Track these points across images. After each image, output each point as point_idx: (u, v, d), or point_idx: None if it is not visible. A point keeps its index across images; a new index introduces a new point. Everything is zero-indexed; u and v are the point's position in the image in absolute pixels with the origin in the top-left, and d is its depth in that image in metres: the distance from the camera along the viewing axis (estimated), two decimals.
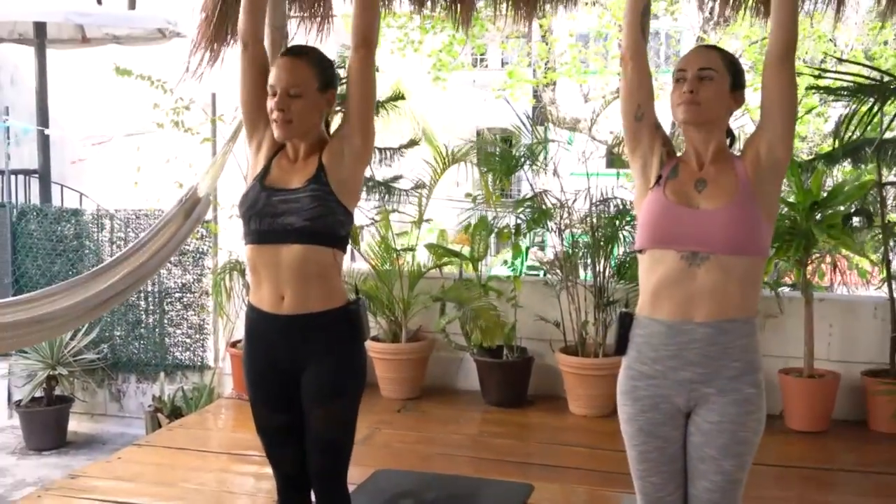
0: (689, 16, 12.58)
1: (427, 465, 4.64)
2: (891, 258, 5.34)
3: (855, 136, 4.40)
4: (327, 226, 2.67)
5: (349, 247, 3.09)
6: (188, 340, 7.18)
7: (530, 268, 6.34)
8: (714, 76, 2.45)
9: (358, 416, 2.87)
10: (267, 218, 2.70)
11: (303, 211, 2.65)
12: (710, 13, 11.27)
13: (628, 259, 5.49)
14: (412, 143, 6.19)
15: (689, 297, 2.42)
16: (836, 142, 4.72)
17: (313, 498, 2.90)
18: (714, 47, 2.58)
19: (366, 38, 2.70)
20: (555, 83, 12.34)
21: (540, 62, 12.40)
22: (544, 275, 6.03)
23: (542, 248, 9.65)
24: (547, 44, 11.99)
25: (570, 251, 5.57)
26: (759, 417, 2.45)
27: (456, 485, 4.31)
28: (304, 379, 2.76)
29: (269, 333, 2.78)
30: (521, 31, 12.78)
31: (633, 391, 2.56)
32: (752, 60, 11.09)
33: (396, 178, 5.99)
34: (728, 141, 2.58)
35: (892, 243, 5.36)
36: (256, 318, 2.81)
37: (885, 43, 11.57)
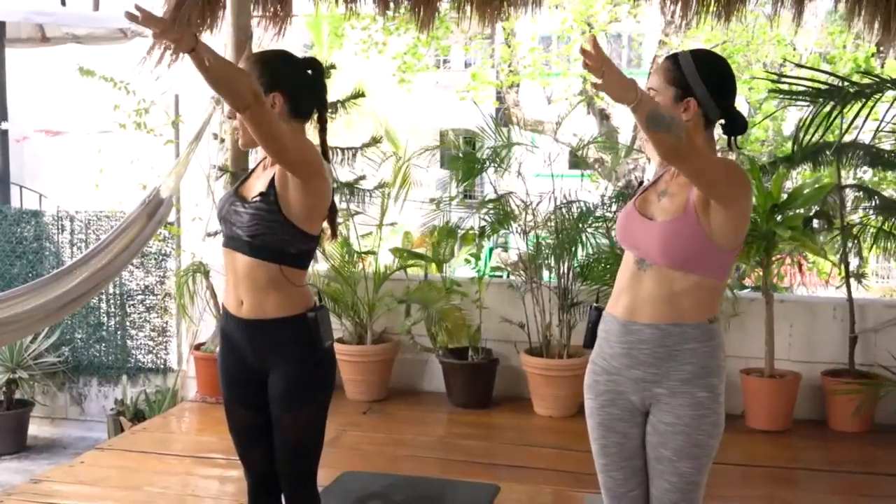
0: (651, 19, 12.70)
1: (394, 466, 4.65)
2: (849, 259, 5.42)
3: (814, 140, 4.46)
4: (267, 243, 2.68)
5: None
6: (151, 343, 7.11)
7: (494, 269, 6.35)
8: (655, 95, 2.47)
9: (326, 420, 2.88)
10: (227, 224, 2.77)
11: (244, 227, 2.69)
12: (672, 17, 11.43)
13: (591, 261, 5.52)
14: (374, 141, 6.17)
15: (637, 298, 2.49)
16: (794, 145, 4.79)
17: (283, 501, 2.91)
18: (670, 58, 2.54)
19: (238, 106, 2.42)
20: (518, 85, 12.38)
21: (503, 64, 12.44)
22: (507, 276, 6.05)
23: (506, 249, 9.67)
24: (510, 46, 12.03)
25: (535, 253, 5.59)
26: (713, 421, 2.48)
27: (423, 486, 4.32)
28: (270, 383, 2.79)
29: (235, 334, 2.84)
30: (485, 34, 12.85)
31: (595, 385, 2.62)
32: None
33: (359, 179, 5.96)
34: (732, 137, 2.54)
35: (850, 245, 5.45)
36: (225, 319, 2.89)
37: (844, 47, 11.73)
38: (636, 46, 15.94)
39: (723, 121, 2.51)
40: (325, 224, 2.87)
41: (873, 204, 5.38)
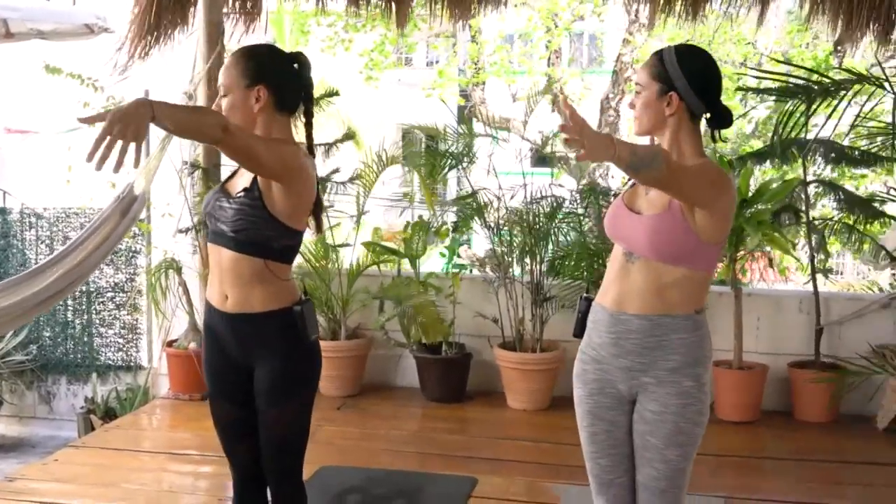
0: (615, 17, 12.80)
1: (370, 461, 4.67)
2: (815, 254, 5.53)
3: (785, 136, 4.55)
4: (251, 238, 2.69)
5: None
6: (121, 341, 7.07)
7: (457, 266, 6.40)
8: (641, 90, 2.56)
9: (311, 414, 2.91)
10: (212, 220, 2.78)
11: (229, 221, 2.70)
12: (636, 15, 11.54)
13: (562, 255, 5.58)
14: (347, 137, 6.18)
15: (626, 290, 2.54)
16: (773, 138, 4.89)
17: (269, 495, 2.93)
18: (656, 53, 2.60)
19: (209, 143, 2.56)
20: (484, 83, 12.43)
21: (469, 62, 12.48)
22: (470, 271, 6.10)
23: (469, 246, 9.70)
24: (477, 44, 12.08)
25: (508, 248, 5.63)
26: (699, 409, 2.54)
27: (402, 480, 4.35)
28: (256, 378, 2.80)
29: (220, 328, 2.84)
30: (450, 31, 12.86)
31: (583, 374, 2.68)
32: None
33: (333, 171, 5.96)
34: (717, 131, 2.62)
35: (815, 239, 5.55)
36: (209, 313, 2.88)
37: (802, 46, 11.92)
38: (599, 45, 16.05)
39: (708, 114, 2.57)
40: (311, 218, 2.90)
41: (839, 198, 5.47)
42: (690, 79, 2.50)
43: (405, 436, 5.20)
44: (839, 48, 10.89)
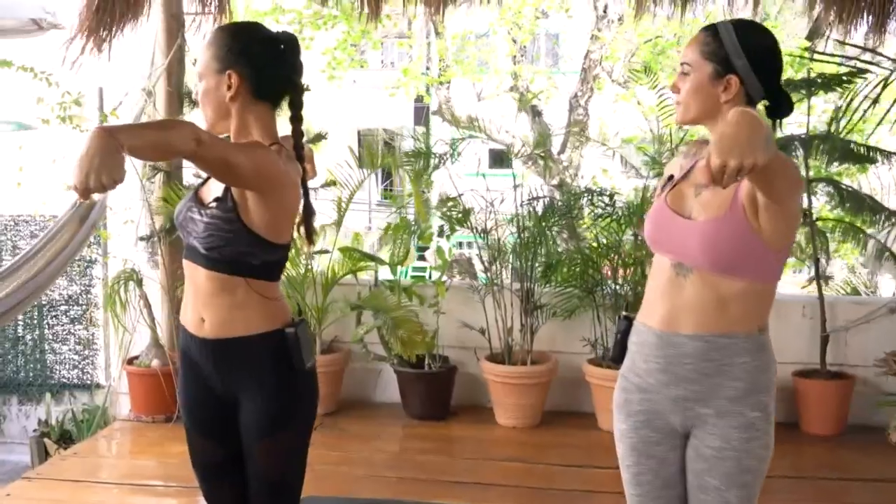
0: (580, 15, 12.58)
1: (354, 488, 4.31)
2: (819, 256, 5.27)
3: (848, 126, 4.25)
4: (226, 256, 2.32)
5: None
6: (76, 357, 6.64)
7: (416, 269, 6.08)
8: (689, 70, 2.21)
9: (307, 450, 2.54)
10: (184, 233, 2.42)
11: (200, 237, 2.34)
12: (605, 11, 11.31)
13: (555, 261, 5.26)
14: (318, 137, 5.83)
15: (678, 307, 2.19)
16: (829, 127, 4.61)
17: None
18: (707, 29, 2.25)
19: (185, 157, 2.17)
20: (449, 81, 12.14)
21: (432, 60, 12.20)
22: (429, 277, 5.79)
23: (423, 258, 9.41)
24: (444, 40, 11.80)
25: (497, 253, 5.30)
26: (765, 444, 2.21)
27: None
28: (242, 411, 2.42)
29: (196, 355, 2.46)
30: (412, 30, 12.56)
31: (626, 405, 2.33)
32: (647, 60, 11.10)
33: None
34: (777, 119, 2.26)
35: (819, 241, 5.29)
36: (184, 338, 2.50)
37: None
38: (565, 42, 15.89)
39: (765, 101, 2.23)
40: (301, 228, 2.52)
41: (842, 198, 5.21)
42: (753, 59, 2.16)
43: (387, 459, 4.84)
44: (811, 46, 10.75)
